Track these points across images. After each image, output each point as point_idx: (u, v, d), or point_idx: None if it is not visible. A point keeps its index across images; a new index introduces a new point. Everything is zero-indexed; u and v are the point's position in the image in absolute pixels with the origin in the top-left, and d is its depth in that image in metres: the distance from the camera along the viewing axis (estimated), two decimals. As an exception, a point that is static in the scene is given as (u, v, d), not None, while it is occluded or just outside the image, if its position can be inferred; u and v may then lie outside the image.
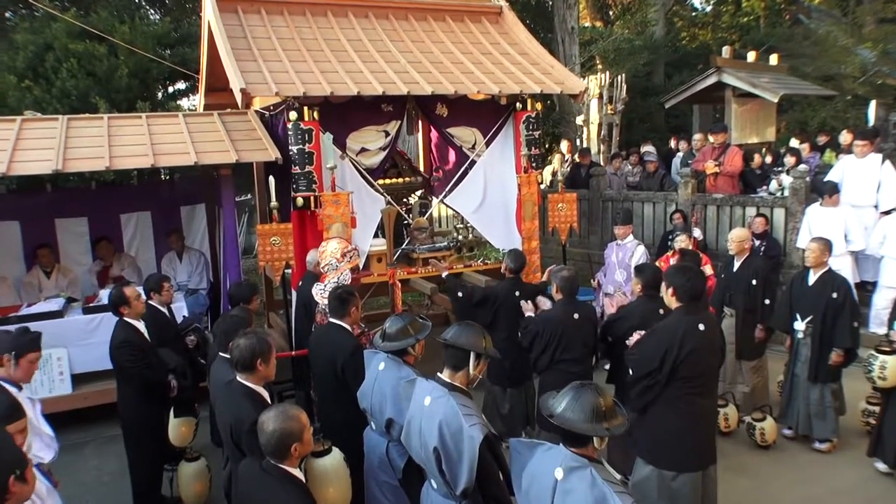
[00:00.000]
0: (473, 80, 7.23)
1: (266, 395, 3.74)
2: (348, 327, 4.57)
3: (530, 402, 6.12)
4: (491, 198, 7.76)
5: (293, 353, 6.34)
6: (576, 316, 5.22)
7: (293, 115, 6.52)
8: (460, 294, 6.21)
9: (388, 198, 7.46)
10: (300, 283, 6.34)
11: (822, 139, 11.48)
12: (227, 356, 3.96)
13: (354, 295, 4.67)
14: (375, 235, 7.21)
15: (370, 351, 4.23)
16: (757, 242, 7.94)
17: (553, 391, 3.00)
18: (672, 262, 6.68)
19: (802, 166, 9.04)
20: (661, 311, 4.92)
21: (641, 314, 5.05)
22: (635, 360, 4.39)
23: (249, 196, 15.21)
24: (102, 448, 6.50)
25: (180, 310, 6.93)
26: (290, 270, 6.74)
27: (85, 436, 6.74)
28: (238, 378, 3.70)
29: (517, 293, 5.94)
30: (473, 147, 7.80)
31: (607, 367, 5.46)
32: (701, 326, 4.24)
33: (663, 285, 4.50)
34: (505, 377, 6.03)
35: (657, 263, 6.89)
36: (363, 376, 4.13)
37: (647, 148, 12.66)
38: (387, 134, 7.31)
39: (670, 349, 4.16)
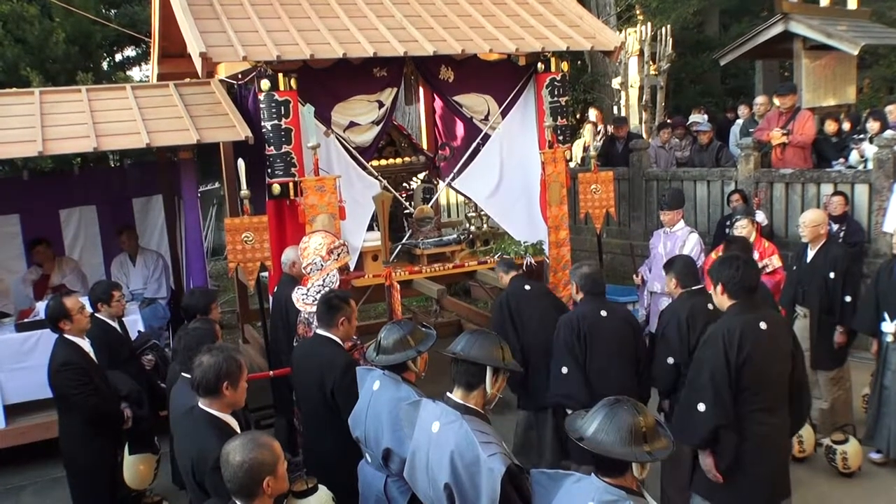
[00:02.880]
0: (485, 36, 7.21)
1: (235, 424, 3.73)
2: (338, 340, 4.57)
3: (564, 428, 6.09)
4: (509, 179, 7.76)
5: (272, 373, 6.36)
6: (603, 313, 5.18)
7: (266, 84, 6.52)
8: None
9: (384, 182, 7.46)
10: (276, 287, 6.35)
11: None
12: (190, 377, 3.96)
13: (349, 302, 4.67)
14: (369, 228, 7.22)
15: (363, 368, 4.23)
16: (835, 227, 7.89)
17: (582, 410, 2.99)
18: (731, 253, 6.64)
19: (889, 132, 8.95)
20: (711, 307, 4.90)
21: (689, 314, 5.04)
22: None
23: (216, 184, 15.29)
24: (43, 493, 6.51)
25: (134, 324, 6.94)
26: (266, 273, 6.75)
27: (22, 479, 6.75)
28: (200, 404, 3.69)
29: (526, 287, 5.98)
30: (486, 118, 7.80)
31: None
32: (762, 325, 4.21)
33: (710, 283, 4.48)
34: (538, 398, 5.97)
35: (712, 255, 6.86)
36: (357, 399, 4.13)
37: (695, 117, 12.56)
38: (380, 105, 7.30)
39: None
